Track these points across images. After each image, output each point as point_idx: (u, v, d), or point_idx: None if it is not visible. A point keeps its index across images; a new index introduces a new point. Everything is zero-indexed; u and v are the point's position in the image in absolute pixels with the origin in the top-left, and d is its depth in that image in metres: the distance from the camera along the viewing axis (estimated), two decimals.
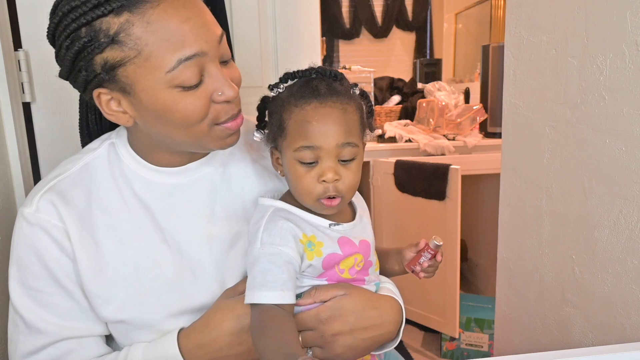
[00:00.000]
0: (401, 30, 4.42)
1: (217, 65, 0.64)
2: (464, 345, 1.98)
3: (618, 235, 0.88)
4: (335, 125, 0.64)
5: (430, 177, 1.84)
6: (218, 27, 0.65)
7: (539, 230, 1.09)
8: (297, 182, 0.67)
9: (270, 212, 0.68)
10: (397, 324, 0.72)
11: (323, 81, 0.67)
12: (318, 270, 0.68)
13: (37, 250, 0.68)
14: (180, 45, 0.59)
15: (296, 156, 0.65)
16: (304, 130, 0.64)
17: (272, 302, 0.62)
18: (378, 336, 0.70)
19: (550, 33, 1.01)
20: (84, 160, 0.73)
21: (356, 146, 0.66)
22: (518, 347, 1.22)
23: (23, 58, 1.11)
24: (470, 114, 2.10)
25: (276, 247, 0.64)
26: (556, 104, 1.01)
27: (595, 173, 0.92)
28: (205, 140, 0.67)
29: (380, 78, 2.65)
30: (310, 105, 0.65)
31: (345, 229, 0.70)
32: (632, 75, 0.82)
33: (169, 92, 0.61)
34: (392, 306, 0.72)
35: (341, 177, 0.66)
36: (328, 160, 0.65)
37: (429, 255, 0.75)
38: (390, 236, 2.05)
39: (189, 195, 0.74)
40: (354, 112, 0.67)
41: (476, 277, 2.61)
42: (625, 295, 0.88)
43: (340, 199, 0.67)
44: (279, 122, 0.67)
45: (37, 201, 0.69)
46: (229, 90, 0.64)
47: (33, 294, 0.69)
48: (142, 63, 0.59)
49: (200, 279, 0.72)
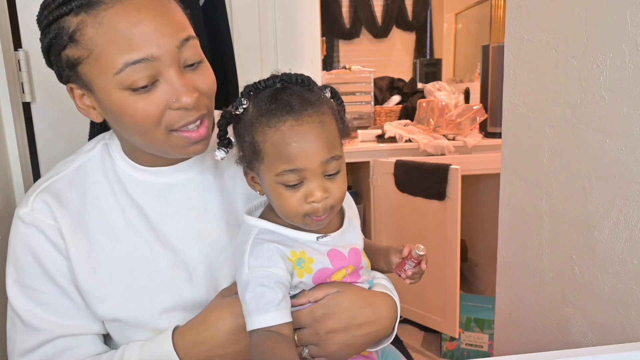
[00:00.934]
0: (401, 30, 4.42)
1: (175, 71, 0.61)
2: (464, 345, 1.98)
3: (618, 235, 0.88)
4: (317, 143, 0.61)
5: (430, 177, 1.84)
6: (183, 31, 0.62)
7: (539, 230, 1.09)
8: (282, 204, 0.64)
9: (254, 233, 0.66)
10: (391, 320, 0.72)
11: (292, 92, 0.62)
12: (308, 286, 0.68)
13: (33, 250, 0.69)
14: (128, 49, 0.58)
15: (279, 180, 0.62)
16: (284, 153, 0.60)
17: (271, 324, 0.60)
18: (373, 333, 0.70)
19: (550, 33, 1.01)
20: (78, 162, 0.74)
21: (340, 158, 0.64)
22: (518, 347, 1.22)
23: (23, 58, 1.11)
24: (470, 114, 2.10)
25: (265, 270, 0.62)
26: (556, 104, 1.01)
27: (595, 173, 0.92)
28: (165, 147, 0.66)
29: (380, 78, 2.65)
30: (286, 124, 0.60)
31: (333, 239, 0.69)
32: (632, 75, 0.82)
33: (120, 94, 0.61)
34: (386, 302, 0.72)
35: (330, 192, 0.63)
36: (314, 179, 0.62)
37: (412, 264, 0.74)
38: (390, 236, 2.05)
39: (180, 195, 0.74)
40: (331, 122, 0.64)
41: (476, 277, 2.61)
42: (625, 295, 0.88)
43: (329, 214, 0.65)
44: (252, 145, 0.63)
45: (32, 201, 0.70)
46: (184, 97, 0.61)
47: (29, 292, 0.69)
48: (93, 63, 0.60)
49: (194, 277, 0.72)
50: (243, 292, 0.63)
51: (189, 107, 0.62)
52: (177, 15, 0.63)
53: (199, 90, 0.64)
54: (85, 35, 0.59)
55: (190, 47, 0.63)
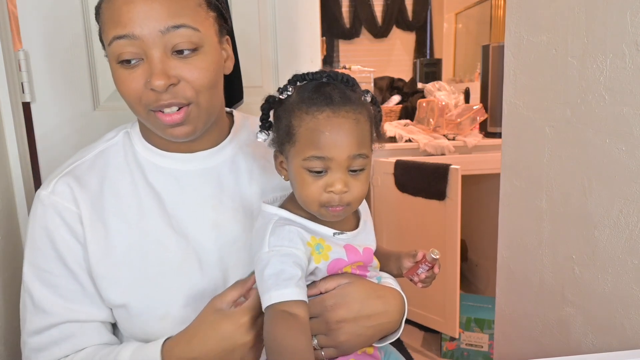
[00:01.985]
0: (401, 30, 4.42)
1: (158, 53, 0.65)
2: (464, 345, 1.98)
3: (618, 235, 0.88)
4: (348, 137, 0.63)
5: (430, 177, 1.84)
6: (173, 18, 0.65)
7: (539, 230, 1.09)
8: (302, 190, 0.65)
9: (275, 219, 0.67)
10: (400, 313, 0.73)
11: (336, 88, 0.65)
12: (323, 274, 0.69)
13: (49, 232, 0.71)
14: (117, 24, 0.64)
15: (305, 165, 0.64)
16: (315, 140, 0.63)
17: (290, 299, 0.61)
18: (382, 324, 0.71)
19: (550, 33, 1.01)
20: (100, 148, 0.78)
21: (367, 157, 0.65)
22: (518, 347, 1.22)
23: (23, 58, 1.11)
24: (470, 113, 2.10)
25: (286, 249, 0.64)
26: (556, 104, 1.01)
27: (595, 173, 0.92)
28: (149, 124, 0.71)
29: (380, 78, 2.65)
30: (323, 113, 0.63)
31: (348, 237, 0.70)
32: (632, 75, 0.82)
33: (114, 66, 0.67)
34: (395, 296, 0.73)
35: (349, 188, 0.64)
36: (338, 171, 0.64)
37: (426, 268, 0.76)
38: (390, 236, 2.05)
39: (197, 184, 0.76)
40: (366, 122, 0.66)
41: (476, 277, 2.61)
42: (625, 295, 0.88)
43: (344, 207, 0.66)
44: (287, 128, 0.65)
45: (54, 184, 0.73)
46: (155, 79, 0.64)
47: (41, 274, 0.71)
48: (103, 34, 0.68)
49: (204, 265, 0.74)
50: (262, 270, 0.63)
51: (158, 90, 0.65)
52: (175, 2, 0.65)
53: (182, 78, 0.66)
54: (101, 9, 0.68)
55: (180, 35, 0.65)
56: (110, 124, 0.89)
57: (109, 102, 1.16)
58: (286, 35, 1.26)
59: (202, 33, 0.67)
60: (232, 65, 0.77)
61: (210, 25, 0.69)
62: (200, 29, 0.67)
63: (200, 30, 0.67)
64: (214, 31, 0.70)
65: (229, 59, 0.76)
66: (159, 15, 0.64)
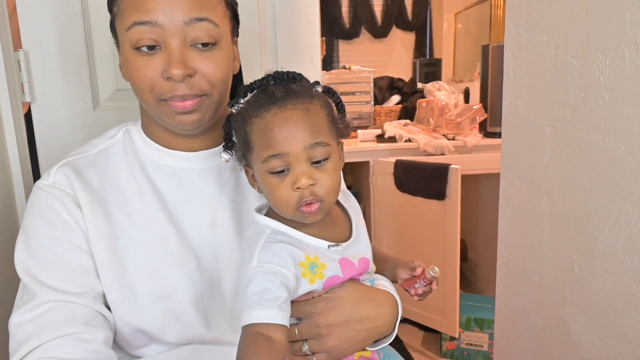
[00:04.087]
0: (401, 30, 4.41)
1: (178, 43, 0.65)
2: (464, 345, 1.98)
3: (618, 234, 0.88)
4: (299, 128, 0.61)
5: (430, 177, 1.84)
6: (198, 10, 0.65)
7: (539, 230, 1.09)
8: (272, 195, 0.64)
9: (267, 233, 0.65)
10: (392, 317, 0.72)
11: (279, 85, 0.64)
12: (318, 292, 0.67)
13: (46, 211, 0.70)
14: (139, 10, 0.64)
15: (266, 167, 0.62)
16: (267, 139, 0.62)
17: (270, 322, 0.58)
18: (374, 328, 0.70)
19: (550, 33, 1.01)
20: (101, 146, 0.78)
21: (327, 145, 0.63)
22: (518, 347, 1.22)
23: (23, 58, 1.11)
24: (470, 113, 2.10)
25: (275, 267, 0.61)
26: (556, 103, 1.01)
27: (595, 173, 0.92)
28: (158, 113, 0.70)
29: (380, 78, 2.65)
30: (270, 112, 0.62)
31: (344, 248, 0.68)
32: (632, 75, 0.82)
33: (129, 51, 0.67)
34: (387, 299, 0.72)
35: (316, 181, 0.62)
36: (299, 165, 0.62)
37: (423, 283, 0.74)
38: (390, 236, 2.05)
39: (198, 182, 0.76)
40: (319, 110, 0.64)
41: (476, 277, 2.61)
42: (625, 294, 0.88)
43: (319, 204, 0.63)
44: (243, 137, 0.65)
45: (53, 174, 0.73)
46: (173, 68, 0.64)
47: (33, 250, 0.69)
48: (118, 19, 0.68)
49: (202, 263, 0.74)
50: (246, 285, 0.61)
51: (177, 80, 0.65)
52: None
53: (199, 71, 0.67)
54: None
55: (201, 28, 0.66)
56: (110, 124, 0.89)
57: (109, 102, 1.15)
58: (286, 36, 1.26)
59: (220, 29, 0.68)
60: (238, 66, 0.77)
61: (227, 23, 0.71)
62: (220, 25, 0.68)
63: (220, 26, 0.68)
64: (229, 29, 0.72)
65: (237, 59, 0.77)
66: (184, 5, 0.65)
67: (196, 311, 0.73)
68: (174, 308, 0.72)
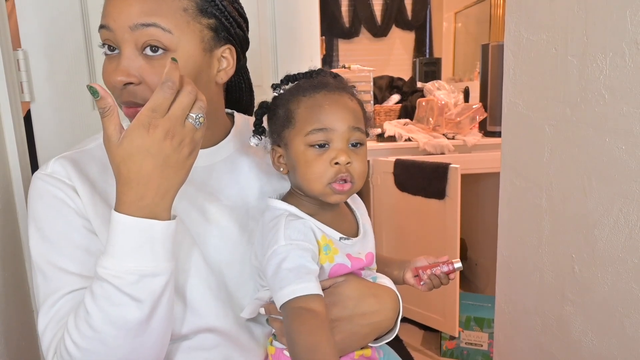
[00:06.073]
0: (400, 29, 4.41)
1: (128, 49, 0.66)
2: (464, 344, 1.98)
3: (618, 234, 0.88)
4: (346, 110, 0.67)
5: (430, 176, 1.84)
6: (145, 16, 0.64)
7: (539, 229, 1.09)
8: (307, 168, 0.66)
9: (285, 215, 0.68)
10: (394, 311, 0.73)
11: (328, 75, 0.70)
12: (324, 276, 0.68)
13: (48, 198, 0.70)
14: (103, 13, 0.68)
15: (308, 140, 0.66)
16: (315, 114, 0.66)
17: (313, 292, 0.61)
18: (377, 323, 0.71)
19: (550, 32, 1.00)
20: (101, 140, 0.76)
21: (364, 132, 0.69)
22: (518, 346, 1.22)
23: (22, 58, 1.11)
24: (470, 113, 2.10)
25: (303, 243, 0.65)
26: (556, 102, 1.00)
27: (595, 172, 0.92)
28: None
29: (380, 77, 2.65)
30: (320, 93, 0.67)
31: (353, 243, 0.71)
32: (632, 74, 0.82)
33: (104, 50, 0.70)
34: (390, 295, 0.73)
35: (352, 161, 0.66)
36: (340, 142, 0.66)
37: (445, 269, 0.79)
38: (390, 236, 2.05)
39: (195, 181, 0.75)
40: (358, 104, 0.70)
41: (476, 276, 2.61)
42: (625, 293, 0.88)
43: (351, 185, 0.67)
44: (285, 114, 0.68)
45: (51, 164, 0.73)
46: (114, 74, 0.66)
47: (49, 238, 0.69)
48: None
49: (206, 257, 0.73)
50: (279, 264, 0.63)
51: (116, 86, 0.66)
52: (153, 2, 0.65)
53: (144, 80, 0.66)
54: None
55: (147, 35, 0.65)
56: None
57: None
58: (286, 35, 1.26)
59: (174, 36, 0.65)
60: (226, 76, 0.74)
61: (192, 31, 0.67)
62: (174, 32, 0.65)
63: (174, 33, 0.65)
64: (198, 38, 0.68)
65: (227, 69, 0.73)
66: (130, 11, 0.65)
67: (204, 302, 0.72)
68: (184, 296, 0.71)
